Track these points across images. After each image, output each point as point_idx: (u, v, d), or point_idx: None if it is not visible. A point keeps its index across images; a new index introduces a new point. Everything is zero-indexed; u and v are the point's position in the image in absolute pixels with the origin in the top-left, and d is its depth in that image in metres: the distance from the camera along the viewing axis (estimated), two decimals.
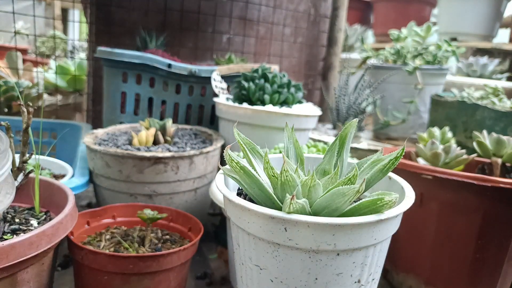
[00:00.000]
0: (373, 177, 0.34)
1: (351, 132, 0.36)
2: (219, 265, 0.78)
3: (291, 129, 0.37)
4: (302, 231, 0.28)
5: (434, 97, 1.16)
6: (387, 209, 0.30)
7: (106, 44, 1.21)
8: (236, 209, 0.32)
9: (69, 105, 1.56)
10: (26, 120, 0.54)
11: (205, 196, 0.85)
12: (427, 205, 0.63)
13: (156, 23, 1.37)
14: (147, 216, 0.63)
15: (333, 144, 0.36)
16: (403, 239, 0.67)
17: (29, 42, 2.45)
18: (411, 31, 1.36)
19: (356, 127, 0.36)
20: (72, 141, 1.03)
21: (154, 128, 0.86)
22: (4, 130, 0.52)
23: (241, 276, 0.36)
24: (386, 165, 0.33)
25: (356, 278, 0.31)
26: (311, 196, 0.30)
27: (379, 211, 0.30)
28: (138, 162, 0.74)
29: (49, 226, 0.44)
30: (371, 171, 0.34)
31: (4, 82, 1.33)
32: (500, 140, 0.68)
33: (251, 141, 0.35)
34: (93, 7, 1.34)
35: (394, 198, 0.30)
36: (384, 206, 0.30)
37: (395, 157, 0.33)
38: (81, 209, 0.77)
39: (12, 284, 0.43)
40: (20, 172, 0.56)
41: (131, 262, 0.53)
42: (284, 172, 0.29)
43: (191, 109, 1.06)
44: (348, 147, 0.36)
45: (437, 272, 0.64)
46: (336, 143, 0.36)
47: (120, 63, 1.01)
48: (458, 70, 1.70)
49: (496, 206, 0.58)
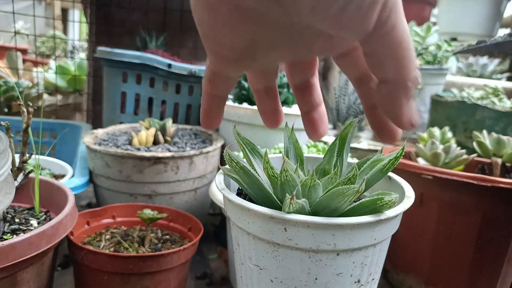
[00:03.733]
0: (373, 177, 0.34)
1: (351, 132, 0.36)
2: (219, 265, 0.78)
3: (291, 129, 0.37)
4: (302, 231, 0.28)
5: (434, 97, 1.16)
6: (387, 209, 0.30)
7: (106, 44, 1.21)
8: (236, 209, 0.32)
9: (69, 105, 1.56)
10: (26, 120, 0.54)
11: (205, 196, 0.85)
12: (427, 205, 0.63)
13: (156, 23, 1.37)
14: (147, 216, 0.63)
15: (333, 144, 0.36)
16: (403, 239, 0.67)
17: (29, 42, 2.45)
18: (411, 31, 1.36)
19: (355, 127, 0.36)
20: (72, 141, 1.03)
21: (154, 128, 0.86)
22: (4, 130, 0.52)
23: (241, 276, 0.36)
24: (386, 165, 0.33)
25: (356, 278, 0.31)
26: (311, 196, 0.30)
27: (379, 211, 0.30)
28: (138, 162, 0.74)
29: (49, 226, 0.44)
30: (371, 171, 0.34)
31: (4, 82, 1.33)
32: (500, 140, 0.68)
33: (251, 141, 0.35)
34: (93, 7, 1.34)
35: (394, 198, 0.30)
36: (384, 206, 0.30)
37: (395, 157, 0.33)
38: (81, 209, 0.77)
39: (12, 284, 0.43)
40: (20, 172, 0.56)
41: (131, 262, 0.53)
42: (284, 172, 0.29)
43: (191, 109, 1.06)
44: (348, 147, 0.36)
45: (437, 272, 0.64)
46: (336, 143, 0.36)
47: (120, 63, 1.01)
48: (458, 70, 1.71)
49: (496, 206, 0.58)
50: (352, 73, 0.35)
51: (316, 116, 0.38)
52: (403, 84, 0.28)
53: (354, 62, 0.34)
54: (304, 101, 0.38)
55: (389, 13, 0.25)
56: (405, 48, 0.27)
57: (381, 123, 0.33)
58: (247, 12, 0.26)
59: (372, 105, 0.34)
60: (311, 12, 0.24)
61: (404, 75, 0.28)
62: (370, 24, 0.25)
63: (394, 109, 0.29)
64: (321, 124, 0.38)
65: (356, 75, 0.35)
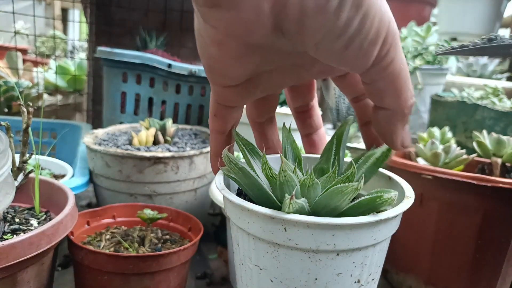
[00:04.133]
0: (368, 171, 0.34)
1: (347, 130, 0.36)
2: (219, 265, 0.78)
3: (288, 129, 0.38)
4: (302, 231, 0.28)
5: (434, 97, 1.16)
6: (386, 206, 0.30)
7: (106, 44, 1.21)
8: (235, 209, 0.32)
9: (69, 105, 1.56)
10: (26, 120, 0.54)
11: (205, 196, 0.85)
12: (427, 205, 0.63)
13: (156, 23, 1.37)
14: (147, 216, 0.63)
15: (330, 143, 0.36)
16: (403, 239, 0.67)
17: (29, 42, 2.45)
18: (411, 31, 1.36)
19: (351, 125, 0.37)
20: (72, 141, 1.03)
21: (154, 128, 0.86)
22: (4, 130, 0.52)
23: (240, 276, 0.36)
24: (379, 157, 0.34)
25: (356, 278, 0.31)
26: (310, 195, 0.30)
27: (379, 209, 0.30)
28: (138, 162, 0.74)
29: (49, 226, 0.44)
30: (365, 166, 0.34)
31: (4, 82, 1.33)
32: (500, 140, 0.68)
33: (250, 142, 0.35)
34: (93, 7, 1.34)
35: (393, 195, 0.30)
36: (384, 203, 0.30)
37: (387, 149, 0.33)
38: (81, 209, 0.77)
39: (12, 284, 0.43)
40: (20, 172, 0.56)
41: (131, 262, 0.53)
42: (283, 172, 0.29)
43: (191, 109, 1.06)
44: (344, 145, 0.36)
45: (437, 272, 0.64)
46: (333, 142, 0.36)
47: (120, 63, 1.01)
48: (458, 70, 1.70)
49: (496, 206, 0.58)
50: (349, 92, 0.37)
51: (316, 138, 0.40)
52: (400, 112, 0.30)
53: (351, 83, 0.35)
54: (304, 124, 0.40)
55: (389, 48, 0.26)
56: (403, 79, 0.28)
57: (374, 140, 0.35)
58: (254, 47, 0.26)
59: (367, 122, 0.35)
60: (315, 47, 0.25)
61: (402, 103, 0.29)
62: (370, 59, 0.26)
63: (389, 132, 0.31)
64: (321, 146, 0.39)
65: (352, 94, 0.36)
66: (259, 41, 0.25)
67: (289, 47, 0.27)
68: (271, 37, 0.25)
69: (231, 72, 0.28)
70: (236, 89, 0.30)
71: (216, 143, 0.35)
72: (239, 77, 0.29)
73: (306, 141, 0.41)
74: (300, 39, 0.25)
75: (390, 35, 0.25)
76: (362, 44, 0.24)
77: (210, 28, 0.25)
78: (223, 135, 0.34)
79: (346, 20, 0.23)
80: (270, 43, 0.26)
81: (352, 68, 0.27)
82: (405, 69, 0.27)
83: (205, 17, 0.25)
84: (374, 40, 0.25)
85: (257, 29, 0.24)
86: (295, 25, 0.24)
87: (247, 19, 0.23)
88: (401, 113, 0.29)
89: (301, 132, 0.41)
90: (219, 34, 0.25)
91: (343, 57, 0.25)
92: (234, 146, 0.37)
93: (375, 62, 0.26)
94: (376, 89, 0.28)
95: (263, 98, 0.35)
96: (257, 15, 0.23)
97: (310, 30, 0.24)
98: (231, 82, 0.29)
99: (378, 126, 0.31)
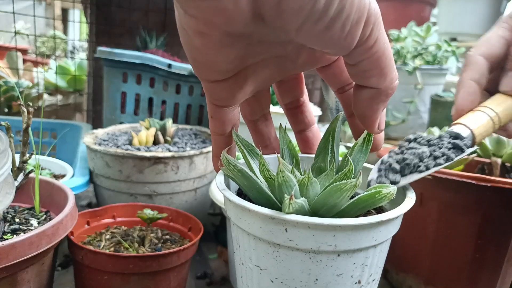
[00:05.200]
0: (356, 160, 0.34)
1: (339, 126, 0.36)
2: (219, 265, 0.78)
3: (284, 129, 0.38)
4: (302, 232, 0.28)
5: (434, 97, 1.16)
6: (386, 202, 0.30)
7: (106, 44, 1.21)
8: (236, 210, 0.32)
9: (69, 105, 1.56)
10: (26, 120, 0.54)
11: (205, 196, 0.85)
12: (427, 205, 0.63)
13: (156, 23, 1.37)
14: (147, 216, 0.63)
15: (326, 141, 0.36)
16: (403, 239, 0.67)
17: (29, 42, 2.45)
18: (411, 31, 1.36)
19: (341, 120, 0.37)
20: (72, 141, 1.03)
21: (154, 128, 0.86)
22: (4, 130, 0.52)
23: (241, 276, 0.36)
24: (362, 144, 0.34)
25: (357, 278, 0.31)
26: (309, 194, 0.30)
27: (378, 204, 0.30)
28: (138, 162, 0.74)
29: (49, 226, 0.44)
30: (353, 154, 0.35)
31: (4, 82, 1.33)
32: (500, 140, 0.68)
33: (250, 142, 0.35)
34: (93, 7, 1.34)
35: (392, 190, 0.30)
36: (383, 199, 0.30)
37: (367, 133, 0.34)
38: (81, 209, 0.76)
39: (12, 284, 0.43)
40: (20, 172, 0.56)
41: (131, 262, 0.53)
42: (281, 173, 0.29)
43: (191, 109, 1.06)
44: (337, 141, 0.36)
45: (436, 272, 0.64)
46: (328, 140, 0.36)
47: (120, 63, 1.01)
48: (458, 70, 1.70)
49: (496, 206, 0.58)
50: (334, 83, 0.37)
51: (310, 135, 0.40)
52: (384, 92, 0.30)
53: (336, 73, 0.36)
54: (297, 121, 0.40)
55: (372, 27, 0.26)
56: (388, 57, 0.28)
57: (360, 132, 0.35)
58: (236, 36, 0.26)
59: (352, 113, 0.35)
60: (297, 31, 0.25)
61: (388, 83, 0.29)
62: (354, 40, 0.26)
63: (370, 112, 0.31)
64: (316, 143, 0.39)
65: (337, 85, 0.36)
66: (240, 30, 0.25)
67: (272, 37, 0.27)
68: (252, 25, 0.25)
69: (216, 65, 0.28)
70: (224, 84, 0.30)
71: (216, 144, 0.35)
72: (224, 70, 0.29)
73: (299, 138, 0.40)
74: (280, 24, 0.24)
75: (373, 15, 0.25)
76: (345, 25, 0.24)
77: (190, 19, 0.25)
78: (222, 137, 0.34)
79: (325, 2, 0.23)
80: (252, 32, 0.26)
81: (336, 51, 0.27)
82: (389, 48, 0.28)
83: (184, 7, 0.24)
84: (356, 20, 0.24)
85: (236, 17, 0.24)
86: (274, 10, 0.23)
87: (225, 6, 0.23)
88: (385, 93, 0.30)
89: (294, 129, 0.41)
90: (199, 24, 0.25)
91: (326, 40, 0.25)
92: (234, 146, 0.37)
93: (359, 43, 0.26)
94: (361, 70, 0.28)
95: (255, 95, 0.35)
96: (235, 2, 0.23)
97: (289, 13, 0.23)
98: (217, 75, 0.29)
99: (360, 106, 0.31)
